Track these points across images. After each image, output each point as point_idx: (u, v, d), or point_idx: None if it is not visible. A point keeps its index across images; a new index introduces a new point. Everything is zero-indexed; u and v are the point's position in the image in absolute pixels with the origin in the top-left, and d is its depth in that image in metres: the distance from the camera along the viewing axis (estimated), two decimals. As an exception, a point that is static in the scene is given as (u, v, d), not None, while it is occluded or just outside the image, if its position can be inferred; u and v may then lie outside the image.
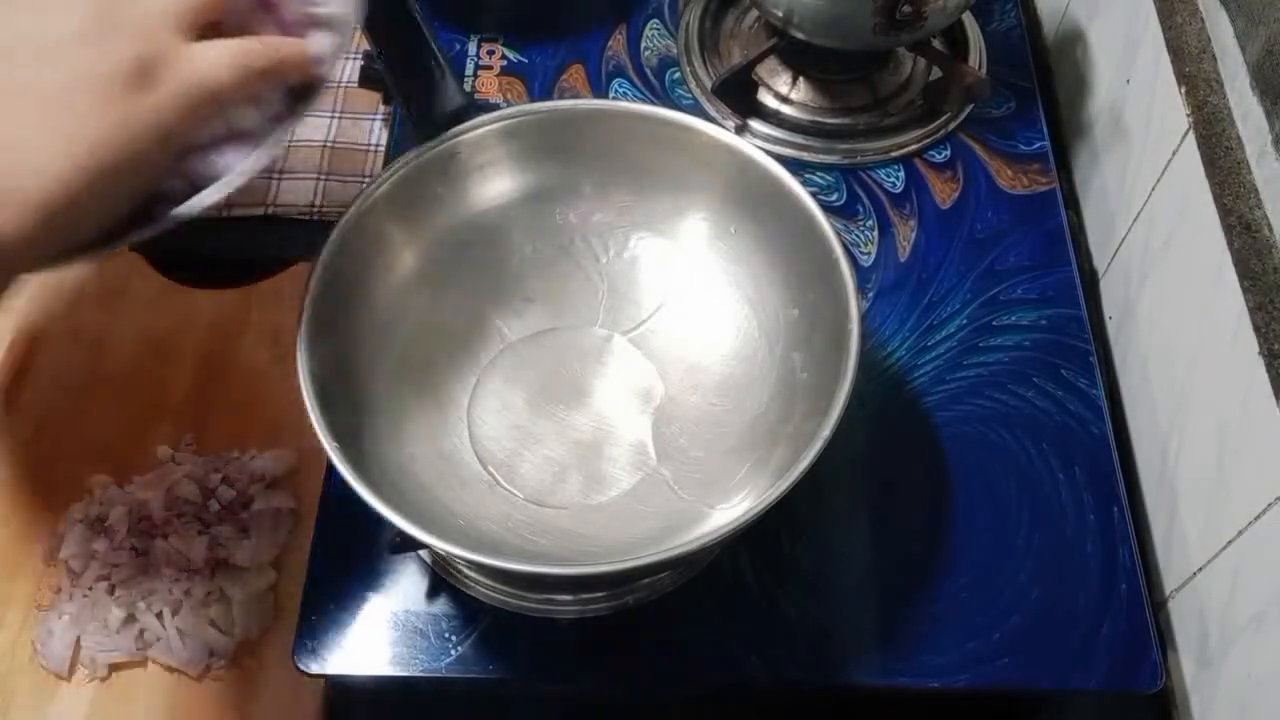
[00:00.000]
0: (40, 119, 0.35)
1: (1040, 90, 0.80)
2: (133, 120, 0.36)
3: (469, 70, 0.81)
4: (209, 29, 0.40)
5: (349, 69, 0.79)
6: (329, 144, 0.82)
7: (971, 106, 0.78)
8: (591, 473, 0.59)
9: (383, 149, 0.81)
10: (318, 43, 0.45)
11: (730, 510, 0.56)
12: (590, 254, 0.65)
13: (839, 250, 0.54)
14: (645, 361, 0.63)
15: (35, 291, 0.76)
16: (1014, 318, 0.69)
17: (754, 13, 0.83)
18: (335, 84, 0.83)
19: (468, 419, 0.60)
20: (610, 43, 0.83)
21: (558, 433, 0.60)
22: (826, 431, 0.48)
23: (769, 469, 0.57)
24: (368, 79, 0.76)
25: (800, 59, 0.79)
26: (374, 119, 0.84)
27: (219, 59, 0.39)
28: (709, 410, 0.61)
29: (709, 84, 0.79)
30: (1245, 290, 0.53)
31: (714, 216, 0.62)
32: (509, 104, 0.78)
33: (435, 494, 0.56)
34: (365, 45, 0.69)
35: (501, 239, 0.63)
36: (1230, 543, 0.54)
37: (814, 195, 0.56)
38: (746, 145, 0.59)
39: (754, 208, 0.60)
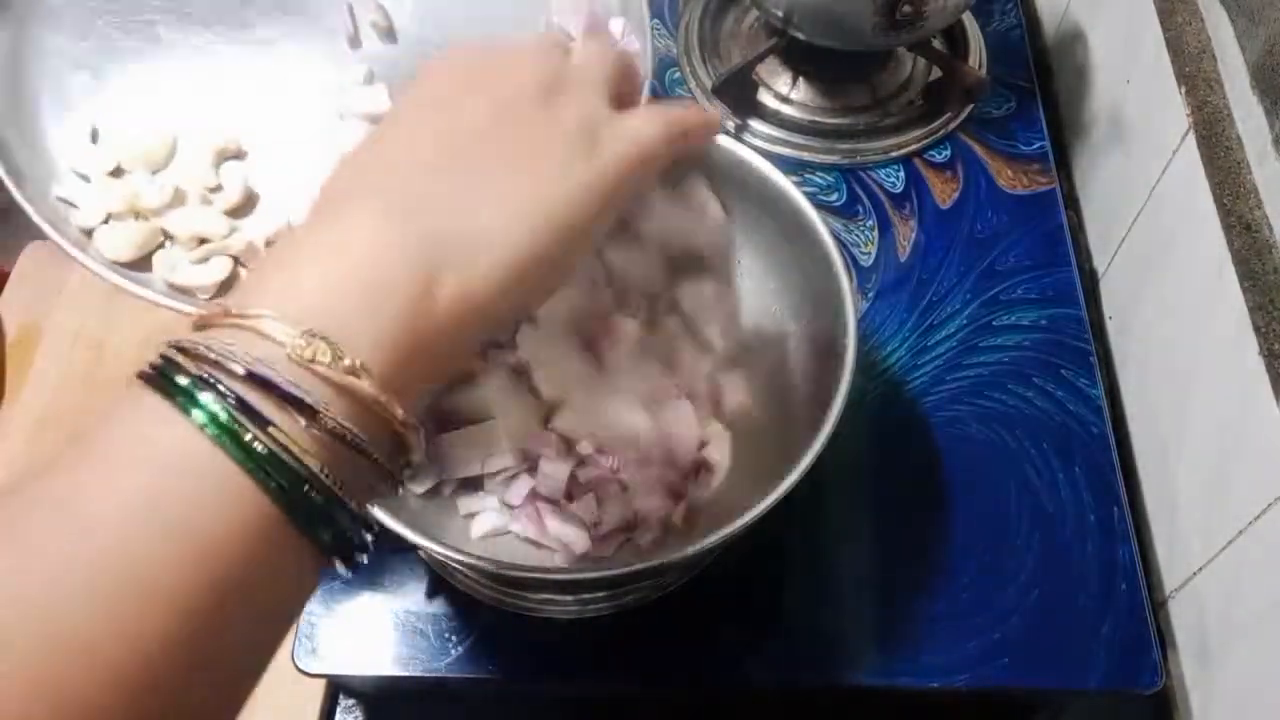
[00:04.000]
0: (498, 186, 0.34)
1: (1040, 90, 0.80)
2: (585, 181, 0.35)
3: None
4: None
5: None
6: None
7: (971, 106, 0.78)
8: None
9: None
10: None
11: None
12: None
13: (839, 264, 0.54)
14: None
15: (36, 291, 0.76)
16: (1014, 318, 0.69)
17: (754, 13, 0.83)
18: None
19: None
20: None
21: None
22: (824, 434, 0.48)
23: (768, 470, 0.57)
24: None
25: (800, 59, 0.79)
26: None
27: (651, 121, 0.38)
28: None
29: (709, 84, 0.79)
30: (1245, 290, 0.53)
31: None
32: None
33: (431, 493, 0.56)
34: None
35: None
36: (1230, 543, 0.54)
37: (814, 195, 0.56)
38: (748, 152, 0.58)
39: (754, 215, 0.60)
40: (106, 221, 0.53)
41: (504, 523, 0.56)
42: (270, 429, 0.26)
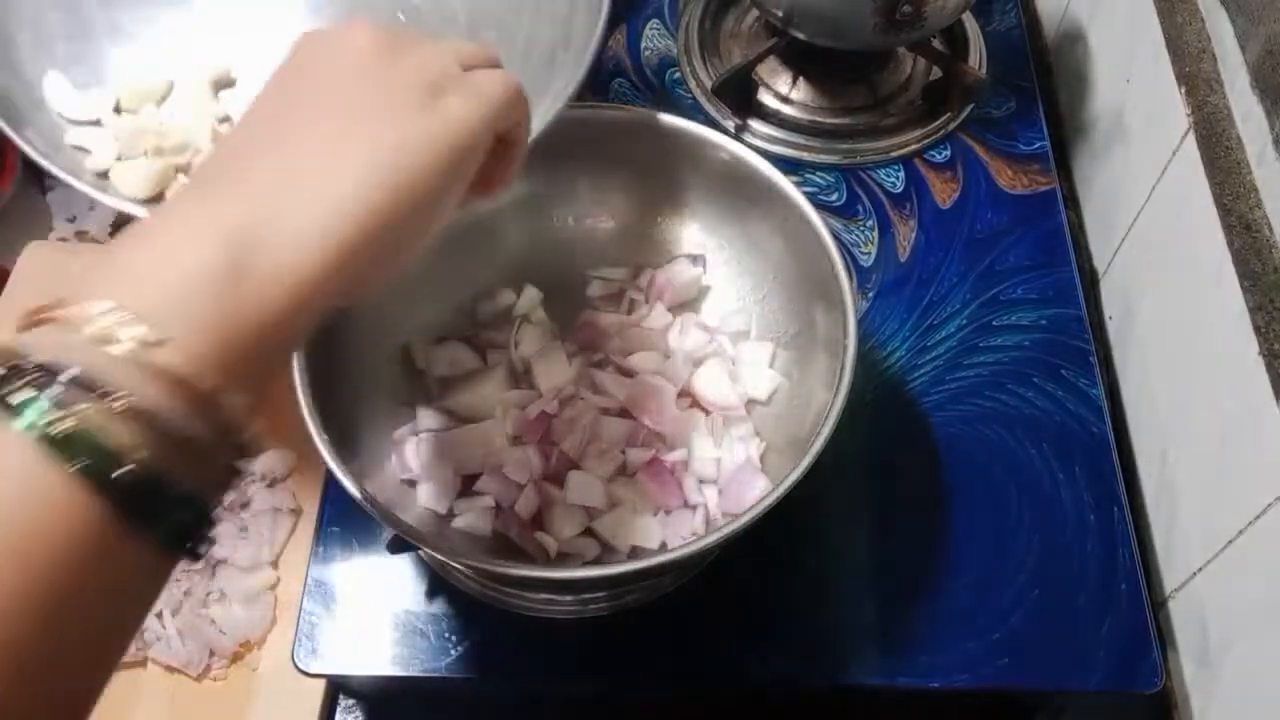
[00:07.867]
0: (325, 157, 0.33)
1: (1040, 90, 0.80)
2: (425, 131, 0.35)
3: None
4: None
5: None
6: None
7: (971, 106, 0.78)
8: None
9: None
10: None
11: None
12: (589, 259, 0.64)
13: (839, 264, 0.54)
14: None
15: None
16: (1014, 318, 0.69)
17: (754, 13, 0.83)
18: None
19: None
20: (610, 43, 0.83)
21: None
22: (824, 434, 0.48)
23: (768, 470, 0.57)
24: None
25: (800, 59, 0.79)
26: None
27: (494, 78, 0.38)
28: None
29: (709, 84, 0.79)
30: (1245, 290, 0.53)
31: (713, 224, 0.62)
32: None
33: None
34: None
35: (499, 239, 0.63)
36: (1230, 543, 0.54)
37: (814, 195, 0.56)
38: (748, 152, 0.58)
39: (754, 216, 0.60)
40: (120, 160, 0.52)
41: (487, 525, 0.56)
42: (85, 421, 0.26)
